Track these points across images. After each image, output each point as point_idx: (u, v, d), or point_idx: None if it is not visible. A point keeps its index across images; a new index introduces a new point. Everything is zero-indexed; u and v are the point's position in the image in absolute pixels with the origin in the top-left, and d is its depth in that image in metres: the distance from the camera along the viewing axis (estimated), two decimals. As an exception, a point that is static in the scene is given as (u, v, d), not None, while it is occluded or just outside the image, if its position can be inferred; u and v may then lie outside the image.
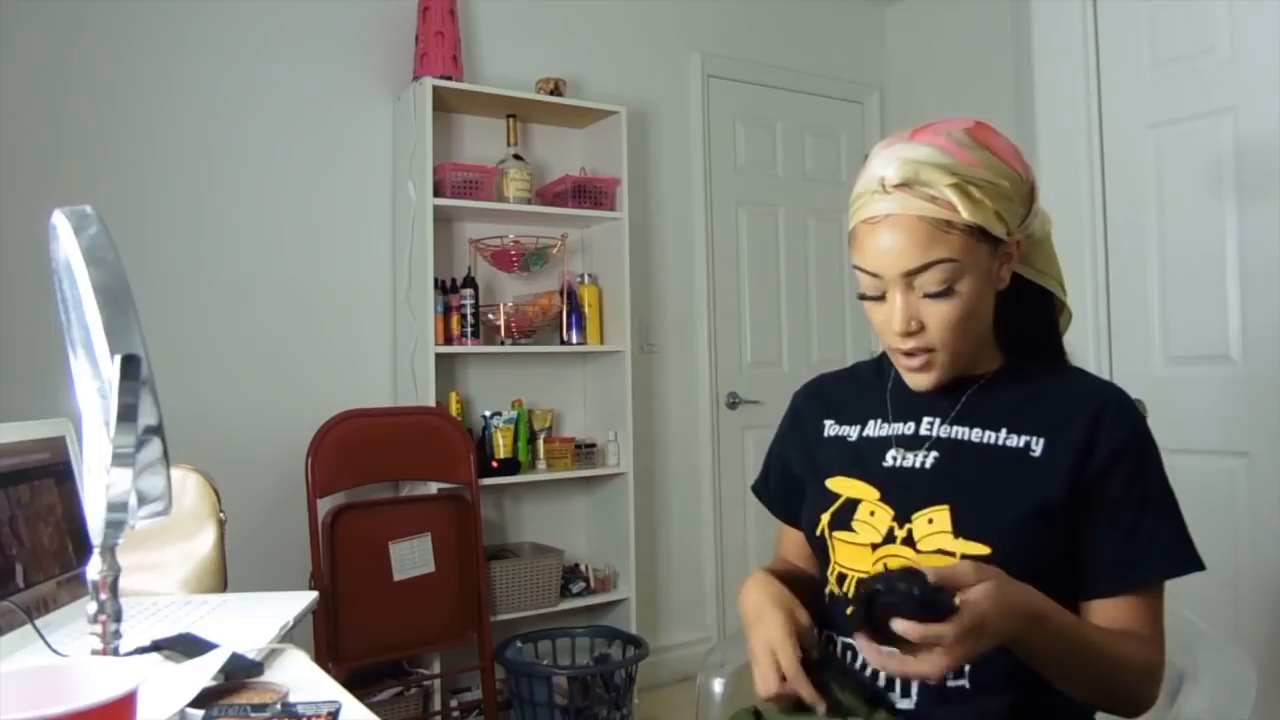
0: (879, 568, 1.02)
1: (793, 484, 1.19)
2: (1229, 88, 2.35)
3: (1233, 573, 2.31)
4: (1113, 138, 2.59)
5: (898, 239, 0.97)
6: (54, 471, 1.22)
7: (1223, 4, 2.35)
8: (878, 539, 1.03)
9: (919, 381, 1.04)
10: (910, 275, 0.98)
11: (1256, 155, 2.30)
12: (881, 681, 1.02)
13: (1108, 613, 0.98)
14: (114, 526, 0.86)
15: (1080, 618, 0.98)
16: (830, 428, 1.16)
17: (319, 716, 0.78)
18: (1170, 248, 2.47)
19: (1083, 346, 2.57)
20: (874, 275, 1.00)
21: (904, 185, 0.97)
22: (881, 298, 1.01)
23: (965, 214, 0.95)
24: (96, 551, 0.87)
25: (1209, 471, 2.35)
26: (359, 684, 2.50)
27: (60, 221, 0.87)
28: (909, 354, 1.02)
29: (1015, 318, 1.09)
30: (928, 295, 0.98)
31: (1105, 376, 2.57)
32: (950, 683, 0.98)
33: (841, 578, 1.07)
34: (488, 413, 2.95)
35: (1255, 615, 2.27)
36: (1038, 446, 1.00)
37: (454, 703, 2.84)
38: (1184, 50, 2.44)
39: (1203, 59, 2.40)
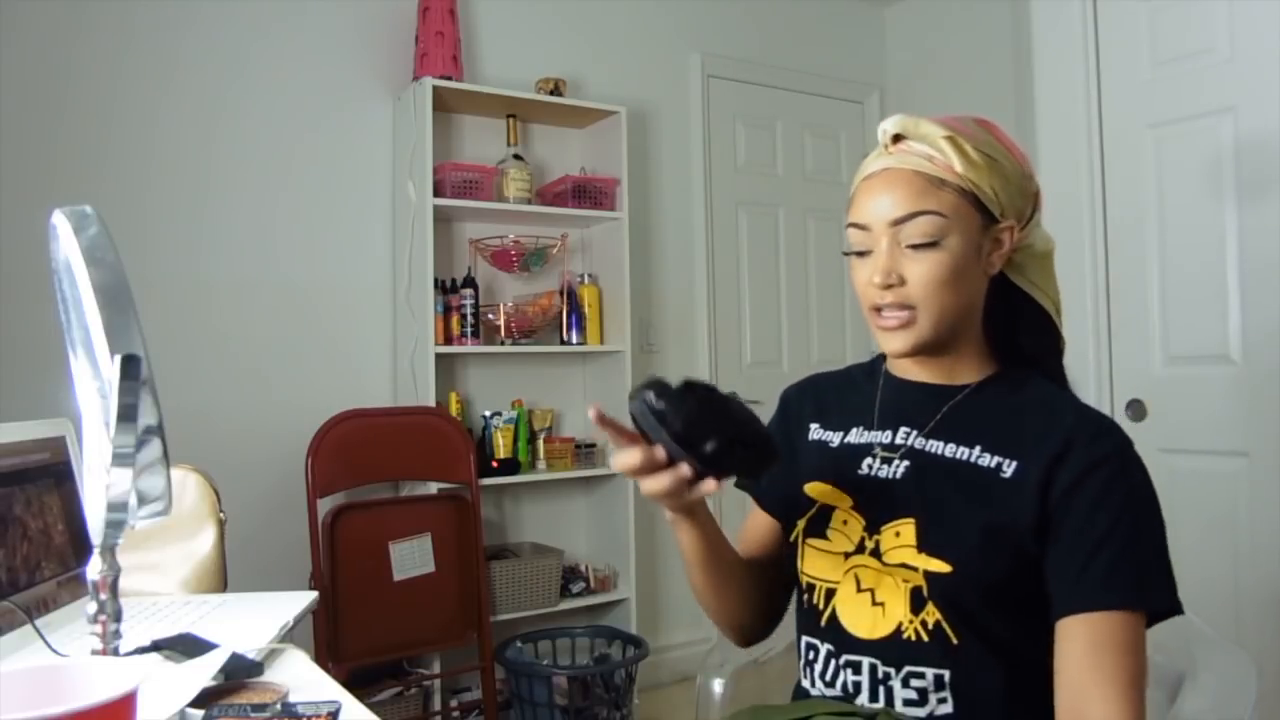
0: (850, 576, 1.01)
1: (778, 479, 1.16)
2: (1229, 88, 2.35)
3: (1233, 572, 2.31)
4: (1113, 138, 2.60)
5: (890, 190, 0.99)
6: (54, 471, 1.22)
7: (1223, 4, 2.35)
8: (850, 548, 1.01)
9: (893, 342, 1.02)
10: (897, 224, 0.98)
11: (1256, 155, 2.30)
12: (851, 689, 1.00)
13: (1073, 639, 0.92)
14: (114, 526, 0.86)
15: None
16: (815, 431, 1.15)
17: (319, 716, 0.78)
18: (1170, 248, 2.47)
19: (1083, 346, 2.57)
20: (863, 228, 1.01)
21: (902, 138, 1.00)
22: (867, 255, 1.01)
23: (959, 169, 0.97)
24: (96, 551, 0.87)
25: (1209, 471, 2.35)
26: (359, 684, 2.50)
27: (60, 221, 0.87)
28: (887, 314, 1.00)
29: (1010, 328, 1.08)
30: (911, 246, 0.98)
31: (1105, 377, 2.60)
32: (937, 710, 0.95)
33: (810, 587, 1.05)
34: (488, 413, 2.95)
35: (1255, 615, 2.27)
36: (1009, 468, 0.97)
37: (454, 703, 2.84)
38: (1184, 50, 2.44)
39: (1203, 59, 2.40)
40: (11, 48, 2.40)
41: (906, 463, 1.03)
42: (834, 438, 1.12)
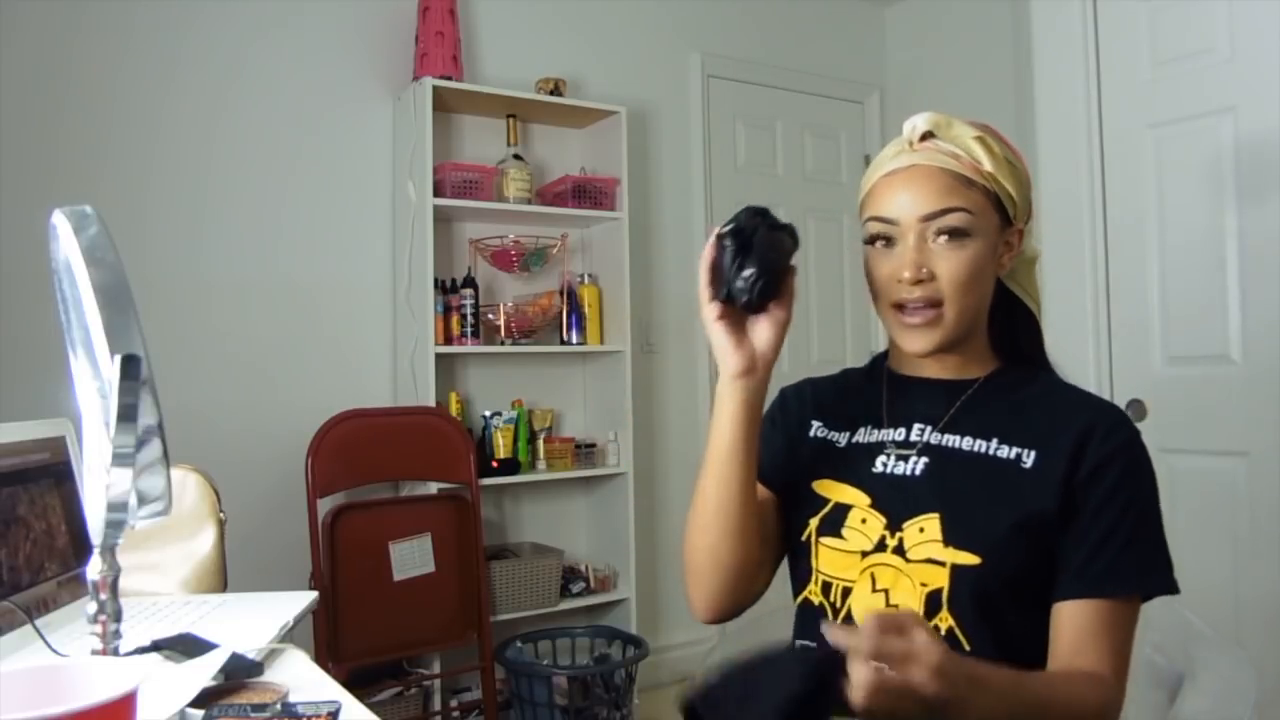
0: (866, 576, 1.00)
1: (778, 457, 1.14)
2: (1229, 88, 2.35)
3: (1232, 573, 2.31)
4: (1113, 138, 2.59)
5: (919, 186, 1.00)
6: (54, 471, 1.22)
7: (1223, 4, 2.35)
8: (868, 546, 1.01)
9: (919, 341, 1.02)
10: (927, 220, 0.99)
11: (1256, 155, 2.30)
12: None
13: (1069, 617, 0.95)
14: (114, 526, 0.86)
15: (1022, 672, 0.91)
16: (817, 429, 1.14)
17: (319, 716, 0.78)
18: (1170, 248, 2.47)
19: (1083, 346, 2.57)
20: (888, 222, 1.02)
21: (930, 136, 1.01)
22: (890, 249, 1.02)
23: (988, 167, 0.99)
24: (96, 551, 0.87)
25: (1209, 471, 2.35)
26: (359, 684, 2.50)
27: (60, 221, 0.87)
28: (913, 310, 1.01)
29: (1009, 326, 1.10)
30: (942, 235, 0.99)
31: (1105, 376, 2.60)
32: None
33: (826, 586, 1.04)
34: (488, 413, 2.95)
35: (1255, 616, 2.27)
36: (1029, 458, 0.99)
37: (454, 703, 2.84)
38: (1184, 50, 2.44)
39: (1203, 59, 2.40)
40: (11, 48, 2.40)
41: (925, 459, 1.04)
42: (840, 437, 1.12)
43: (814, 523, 1.06)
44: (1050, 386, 1.07)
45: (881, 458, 1.06)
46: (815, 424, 1.15)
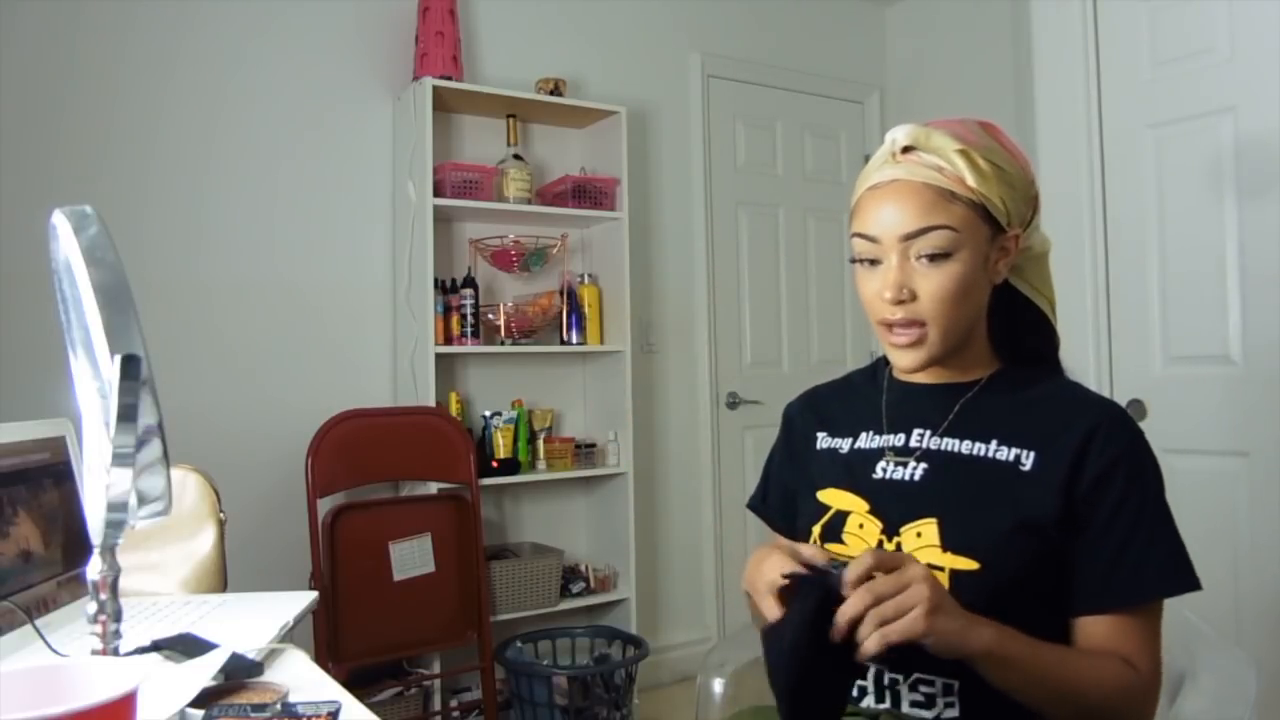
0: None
1: (791, 498, 1.17)
2: (1229, 88, 2.35)
3: (1233, 573, 2.31)
4: (1113, 138, 2.59)
5: (901, 203, 0.98)
6: (54, 471, 1.22)
7: (1223, 4, 2.35)
8: None
9: (905, 359, 1.02)
10: (909, 239, 0.98)
11: (1256, 155, 2.30)
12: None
13: (1096, 631, 0.95)
14: (114, 526, 0.86)
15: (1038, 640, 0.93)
16: (822, 440, 1.14)
17: (319, 716, 0.78)
18: (1170, 248, 2.47)
19: (1083, 346, 2.57)
20: (871, 240, 1.00)
21: (912, 150, 0.99)
22: (875, 265, 1.01)
23: (971, 182, 0.97)
24: (96, 551, 0.87)
25: (1209, 471, 2.35)
26: (359, 684, 2.50)
27: (60, 221, 0.87)
28: (898, 330, 1.00)
29: (1012, 328, 1.09)
30: (923, 257, 0.97)
31: (1105, 377, 2.60)
32: (944, 714, 0.96)
33: None
34: (488, 413, 2.95)
35: (1255, 615, 2.27)
36: (1028, 460, 0.98)
37: (454, 703, 2.84)
38: (1184, 50, 2.44)
39: (1203, 59, 2.40)
40: (11, 48, 2.40)
41: (924, 464, 1.03)
42: (843, 444, 1.12)
43: (816, 530, 1.07)
44: (1051, 387, 1.06)
45: (881, 463, 1.06)
46: (820, 435, 1.15)
